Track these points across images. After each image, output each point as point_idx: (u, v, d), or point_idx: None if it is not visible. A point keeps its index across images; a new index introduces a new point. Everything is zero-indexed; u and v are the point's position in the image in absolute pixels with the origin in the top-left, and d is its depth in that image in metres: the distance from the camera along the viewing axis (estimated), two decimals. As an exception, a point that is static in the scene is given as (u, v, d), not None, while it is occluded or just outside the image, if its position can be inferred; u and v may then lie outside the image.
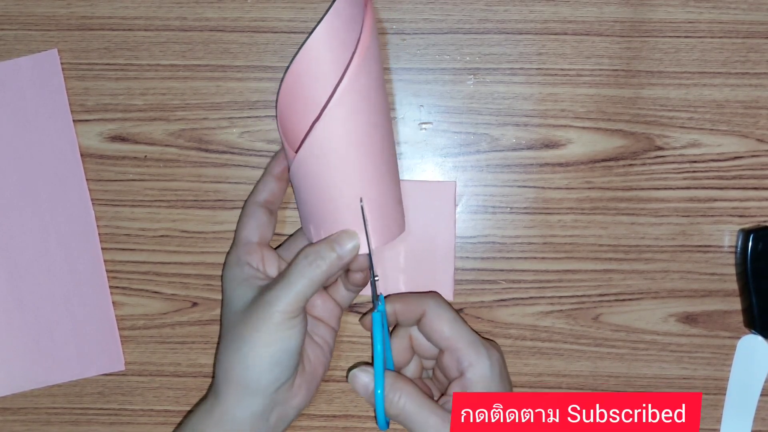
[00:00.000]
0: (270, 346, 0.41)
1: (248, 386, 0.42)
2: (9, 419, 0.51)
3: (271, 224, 0.47)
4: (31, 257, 0.50)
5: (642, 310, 0.50)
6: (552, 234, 0.50)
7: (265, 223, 0.46)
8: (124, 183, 0.50)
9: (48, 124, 0.50)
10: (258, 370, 0.41)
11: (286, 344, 0.41)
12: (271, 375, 0.42)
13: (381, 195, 0.43)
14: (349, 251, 0.42)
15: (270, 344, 0.41)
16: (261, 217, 0.46)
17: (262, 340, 0.41)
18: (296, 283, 0.41)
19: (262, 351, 0.41)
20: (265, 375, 0.42)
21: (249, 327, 0.42)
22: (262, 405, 0.42)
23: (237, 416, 0.42)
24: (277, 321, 0.41)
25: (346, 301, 0.48)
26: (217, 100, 0.50)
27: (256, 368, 0.41)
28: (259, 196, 0.47)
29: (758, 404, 0.49)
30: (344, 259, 0.42)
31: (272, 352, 0.41)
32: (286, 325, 0.41)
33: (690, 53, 0.49)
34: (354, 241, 0.42)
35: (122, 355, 0.51)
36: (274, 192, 0.47)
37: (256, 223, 0.46)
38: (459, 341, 0.44)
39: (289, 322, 0.41)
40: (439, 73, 0.49)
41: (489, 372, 0.43)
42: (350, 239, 0.42)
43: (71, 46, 0.50)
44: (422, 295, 0.46)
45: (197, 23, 0.49)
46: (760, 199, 0.49)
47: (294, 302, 0.41)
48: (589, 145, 0.49)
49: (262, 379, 0.42)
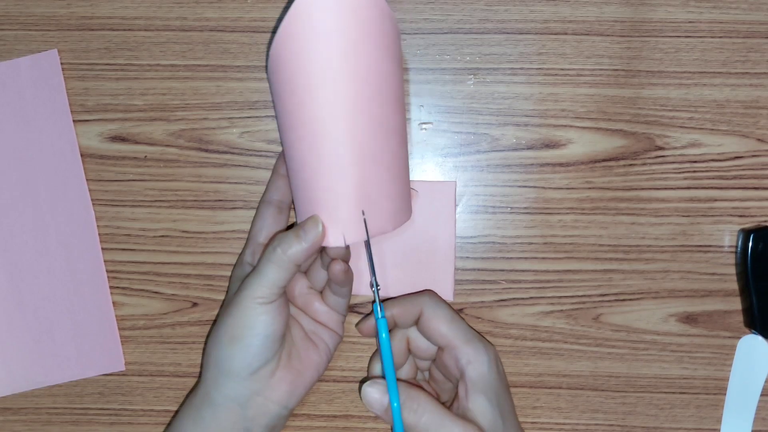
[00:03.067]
0: (242, 330, 0.42)
1: (221, 368, 0.43)
2: (10, 419, 0.51)
3: (280, 222, 0.47)
4: (31, 257, 0.50)
5: (642, 310, 0.50)
6: (552, 234, 0.50)
7: (272, 222, 0.47)
8: (124, 183, 0.50)
9: (48, 124, 0.50)
10: (230, 352, 0.42)
11: (258, 329, 0.42)
12: (243, 358, 0.42)
13: (368, 181, 0.41)
14: (312, 237, 0.41)
15: (242, 328, 0.42)
16: (269, 216, 0.47)
17: (235, 324, 0.42)
18: (265, 269, 0.42)
19: (235, 334, 0.42)
20: (237, 358, 0.42)
21: (226, 312, 0.43)
22: (237, 390, 0.43)
23: (214, 398, 0.43)
24: (248, 306, 0.42)
25: (339, 307, 0.47)
26: (217, 100, 0.50)
27: (229, 351, 0.42)
28: (269, 195, 0.47)
29: (758, 404, 0.49)
30: (307, 245, 0.41)
31: (244, 336, 0.42)
32: (259, 311, 0.42)
33: (690, 53, 0.49)
34: (317, 227, 0.41)
35: (122, 355, 0.51)
36: (282, 190, 0.47)
37: (264, 223, 0.47)
38: (456, 339, 0.44)
39: (261, 307, 0.42)
40: (439, 73, 0.49)
41: (487, 368, 0.43)
42: (314, 226, 0.42)
43: (71, 46, 0.50)
44: (417, 296, 0.46)
45: (197, 23, 0.49)
46: (760, 199, 0.49)
47: (264, 288, 0.42)
48: (590, 145, 0.49)
49: (234, 361, 0.42)
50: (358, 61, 0.40)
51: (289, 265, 0.42)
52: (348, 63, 0.40)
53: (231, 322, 0.43)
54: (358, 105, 0.40)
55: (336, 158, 0.41)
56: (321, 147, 0.41)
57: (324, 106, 0.40)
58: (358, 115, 0.40)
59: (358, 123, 0.40)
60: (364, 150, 0.41)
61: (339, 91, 0.40)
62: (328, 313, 0.47)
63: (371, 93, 0.40)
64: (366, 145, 0.41)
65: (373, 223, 0.42)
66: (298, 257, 0.42)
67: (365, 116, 0.40)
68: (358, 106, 0.40)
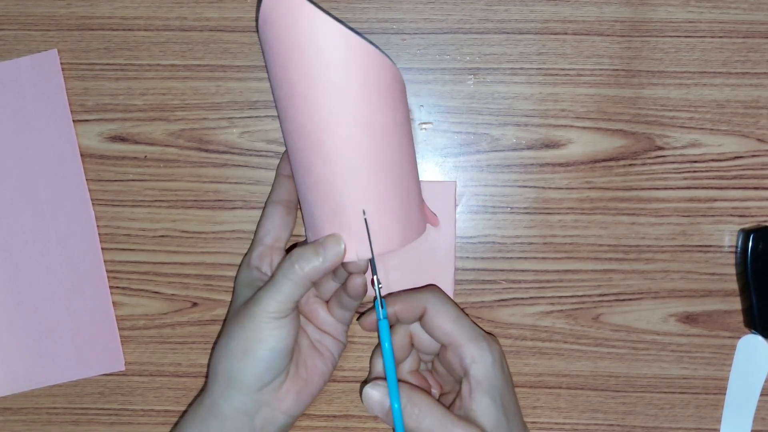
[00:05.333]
0: (255, 343, 0.42)
1: (231, 380, 0.42)
2: (10, 419, 0.51)
3: (288, 224, 0.47)
4: (31, 257, 0.50)
5: (642, 310, 0.50)
6: (552, 234, 0.50)
7: (281, 223, 0.46)
8: (124, 183, 0.50)
9: (48, 124, 0.50)
10: (241, 366, 0.42)
11: (271, 344, 0.42)
12: (254, 372, 0.42)
13: (384, 196, 0.42)
14: (332, 257, 0.41)
15: (255, 341, 0.42)
16: (277, 217, 0.46)
17: (248, 337, 0.42)
18: (281, 284, 0.41)
19: (247, 347, 0.42)
20: (249, 372, 0.42)
21: (237, 324, 0.42)
22: (246, 402, 0.42)
23: (222, 409, 0.43)
24: (262, 320, 0.41)
25: (345, 318, 0.47)
26: (217, 100, 0.49)
27: (240, 364, 0.42)
28: (275, 195, 0.47)
29: (758, 404, 0.49)
30: (328, 263, 0.41)
31: (256, 349, 0.42)
32: (272, 325, 0.41)
33: (690, 53, 0.49)
34: (338, 246, 0.41)
35: (122, 355, 0.51)
36: (290, 189, 0.47)
37: (272, 224, 0.46)
38: (461, 337, 0.43)
39: (275, 322, 0.41)
40: (439, 73, 0.49)
41: (491, 367, 0.43)
42: (335, 244, 0.41)
43: (71, 46, 0.50)
44: (421, 292, 0.45)
45: (197, 23, 0.49)
46: (760, 199, 0.49)
47: (279, 303, 0.41)
48: (590, 145, 0.49)
49: (245, 375, 0.42)
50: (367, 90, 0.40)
51: (306, 281, 0.41)
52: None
53: (243, 335, 0.42)
54: (370, 117, 0.40)
55: (357, 172, 0.41)
56: (339, 161, 0.41)
57: (338, 117, 0.40)
58: (371, 129, 0.40)
59: (372, 137, 0.41)
60: (384, 164, 0.41)
61: (350, 103, 0.40)
62: (334, 324, 0.47)
63: (379, 108, 0.41)
64: (384, 161, 0.41)
65: (388, 237, 0.42)
66: (316, 275, 0.41)
67: (377, 131, 0.41)
68: (370, 118, 0.40)
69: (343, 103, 0.40)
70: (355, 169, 0.41)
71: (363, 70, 0.40)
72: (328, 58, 0.39)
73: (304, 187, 0.43)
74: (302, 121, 0.41)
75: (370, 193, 0.41)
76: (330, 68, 0.39)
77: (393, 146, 0.42)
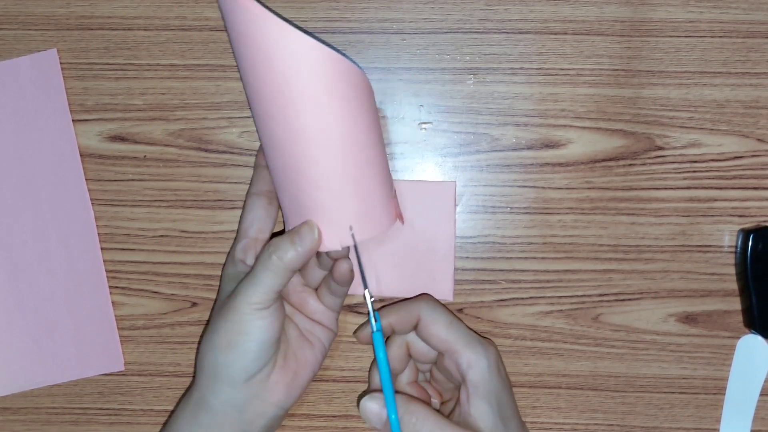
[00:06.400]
0: (239, 335, 0.42)
1: (217, 374, 0.42)
2: (9, 419, 0.51)
3: (270, 214, 0.47)
4: (31, 257, 0.50)
5: (642, 310, 0.50)
6: (552, 234, 0.50)
7: (263, 214, 0.46)
8: (124, 183, 0.50)
9: (47, 124, 0.49)
10: (226, 359, 0.42)
11: (255, 335, 0.42)
12: (240, 365, 0.42)
13: (361, 178, 0.42)
14: (308, 243, 0.41)
15: (238, 334, 0.42)
16: (258, 208, 0.46)
17: (231, 330, 0.42)
18: (261, 276, 0.41)
19: (231, 340, 0.42)
20: (234, 364, 0.42)
21: (221, 317, 0.43)
22: (234, 395, 0.42)
23: (211, 403, 0.43)
24: (245, 312, 0.41)
25: (335, 305, 0.47)
26: (217, 100, 0.49)
27: (225, 357, 0.42)
28: (255, 187, 0.47)
29: (758, 404, 0.49)
30: (304, 251, 0.41)
31: (241, 342, 0.42)
32: (255, 316, 0.41)
33: (690, 53, 0.49)
34: (312, 233, 0.41)
35: (122, 355, 0.51)
36: (269, 180, 0.46)
37: (254, 216, 0.46)
38: (456, 343, 0.44)
39: (258, 313, 0.41)
40: (439, 73, 0.49)
41: (487, 371, 0.43)
42: (309, 231, 0.42)
43: (70, 46, 0.50)
44: (414, 302, 0.46)
45: (197, 23, 0.49)
46: (760, 199, 0.49)
47: (261, 294, 0.41)
48: (589, 145, 0.49)
49: (230, 368, 0.42)
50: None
51: (285, 271, 0.41)
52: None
53: (227, 328, 0.42)
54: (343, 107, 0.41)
55: (332, 160, 0.41)
56: (313, 152, 0.41)
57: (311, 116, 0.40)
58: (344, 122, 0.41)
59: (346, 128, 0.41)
60: (355, 152, 0.41)
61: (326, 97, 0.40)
62: (324, 312, 0.47)
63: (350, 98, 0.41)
64: (356, 148, 0.41)
65: (368, 225, 0.42)
66: (294, 264, 0.41)
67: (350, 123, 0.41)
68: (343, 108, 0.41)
69: (300, 99, 0.40)
70: (322, 159, 0.41)
71: (308, 61, 0.40)
72: (273, 53, 0.39)
73: (277, 178, 0.43)
74: (267, 113, 0.41)
75: (357, 177, 0.42)
76: (274, 63, 0.39)
77: (354, 136, 0.42)
